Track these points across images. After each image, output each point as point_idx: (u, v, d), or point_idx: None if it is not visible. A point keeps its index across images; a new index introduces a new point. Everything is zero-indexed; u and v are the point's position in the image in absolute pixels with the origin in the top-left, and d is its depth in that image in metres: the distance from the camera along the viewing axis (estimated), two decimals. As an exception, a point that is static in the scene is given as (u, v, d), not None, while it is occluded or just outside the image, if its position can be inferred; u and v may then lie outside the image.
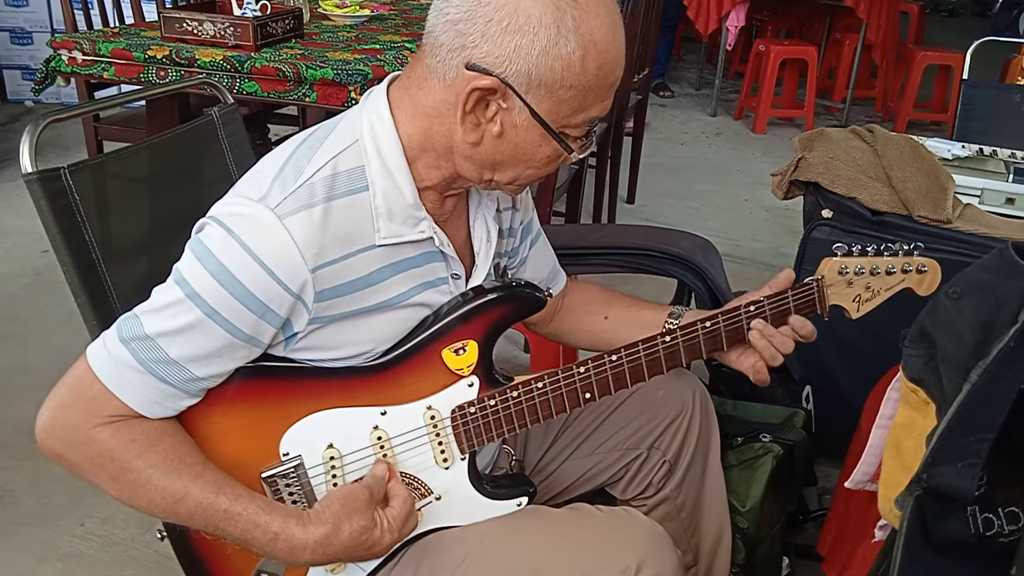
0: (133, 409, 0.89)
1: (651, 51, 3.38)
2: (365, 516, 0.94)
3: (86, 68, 2.22)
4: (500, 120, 0.89)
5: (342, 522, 0.93)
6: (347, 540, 0.93)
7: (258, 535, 0.91)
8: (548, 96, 0.87)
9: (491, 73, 0.86)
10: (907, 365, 0.91)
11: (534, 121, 0.89)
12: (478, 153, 0.92)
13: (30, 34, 4.44)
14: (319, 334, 0.94)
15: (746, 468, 1.45)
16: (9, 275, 2.77)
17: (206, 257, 0.87)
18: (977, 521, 0.83)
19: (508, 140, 0.90)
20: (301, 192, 0.89)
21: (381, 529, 0.95)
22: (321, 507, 0.94)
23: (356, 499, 0.94)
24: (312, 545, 0.92)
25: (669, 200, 3.75)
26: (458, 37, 0.86)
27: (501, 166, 0.93)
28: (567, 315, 1.26)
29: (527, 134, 0.90)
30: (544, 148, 0.92)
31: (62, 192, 1.09)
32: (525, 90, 0.87)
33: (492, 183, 0.96)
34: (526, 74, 0.86)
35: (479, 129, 0.90)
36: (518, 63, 0.85)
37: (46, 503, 1.83)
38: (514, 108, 0.88)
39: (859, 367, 1.71)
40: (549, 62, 0.85)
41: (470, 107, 0.88)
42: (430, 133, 0.92)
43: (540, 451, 1.26)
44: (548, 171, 0.96)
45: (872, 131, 1.91)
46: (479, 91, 0.86)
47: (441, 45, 0.88)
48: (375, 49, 2.31)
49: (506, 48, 0.85)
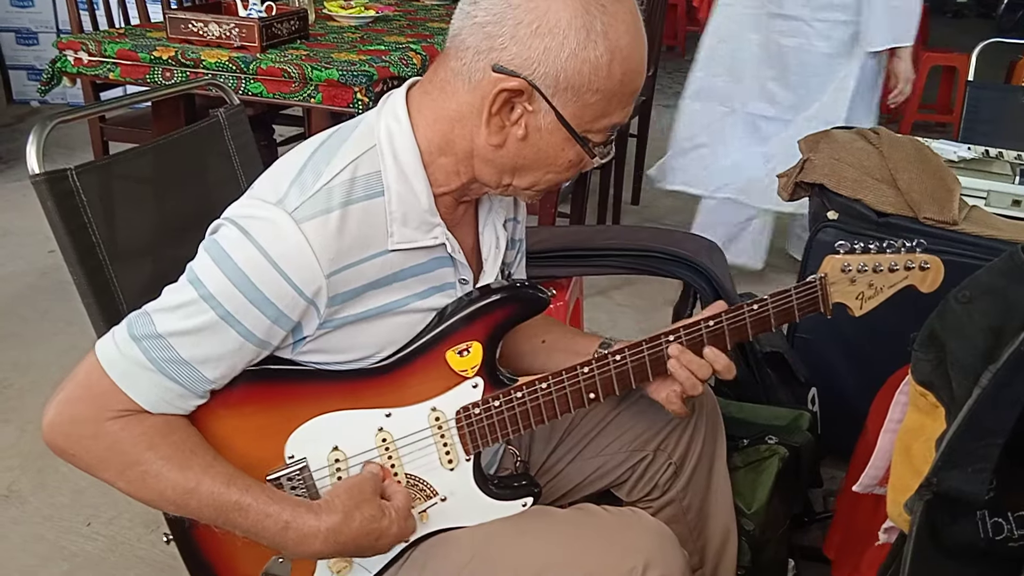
0: (140, 405, 0.89)
1: (656, 52, 3.38)
2: (373, 505, 0.95)
3: (92, 69, 2.23)
4: (525, 123, 0.89)
5: (352, 511, 0.93)
6: (357, 528, 0.93)
7: (269, 524, 0.91)
8: (574, 100, 0.88)
9: (519, 75, 0.86)
10: (916, 369, 0.91)
11: (559, 124, 0.89)
12: (500, 156, 0.92)
13: (36, 34, 4.45)
14: (327, 338, 0.94)
15: (752, 470, 1.45)
16: (15, 275, 2.78)
17: (222, 259, 0.87)
18: (987, 525, 0.83)
19: (531, 143, 0.91)
20: (319, 196, 0.88)
21: (389, 519, 0.95)
22: (330, 497, 0.95)
23: (363, 489, 0.95)
24: (324, 533, 0.91)
25: (674, 201, 3.73)
26: (486, 40, 0.86)
27: (522, 170, 0.94)
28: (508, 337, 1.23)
29: (551, 137, 0.90)
30: (567, 152, 0.92)
31: (69, 193, 1.09)
32: (552, 93, 0.87)
33: (510, 188, 0.96)
34: (554, 77, 0.86)
35: (503, 132, 0.90)
36: (546, 66, 0.85)
37: (51, 503, 1.83)
38: (540, 111, 0.88)
39: (865, 369, 1.70)
40: (577, 65, 0.85)
41: (496, 109, 0.88)
42: (451, 137, 0.92)
43: (546, 452, 1.26)
44: (568, 176, 0.96)
45: (878, 133, 1.91)
46: (506, 93, 0.87)
47: (468, 48, 0.88)
48: (380, 50, 2.31)
49: (535, 50, 0.85)
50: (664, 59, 5.22)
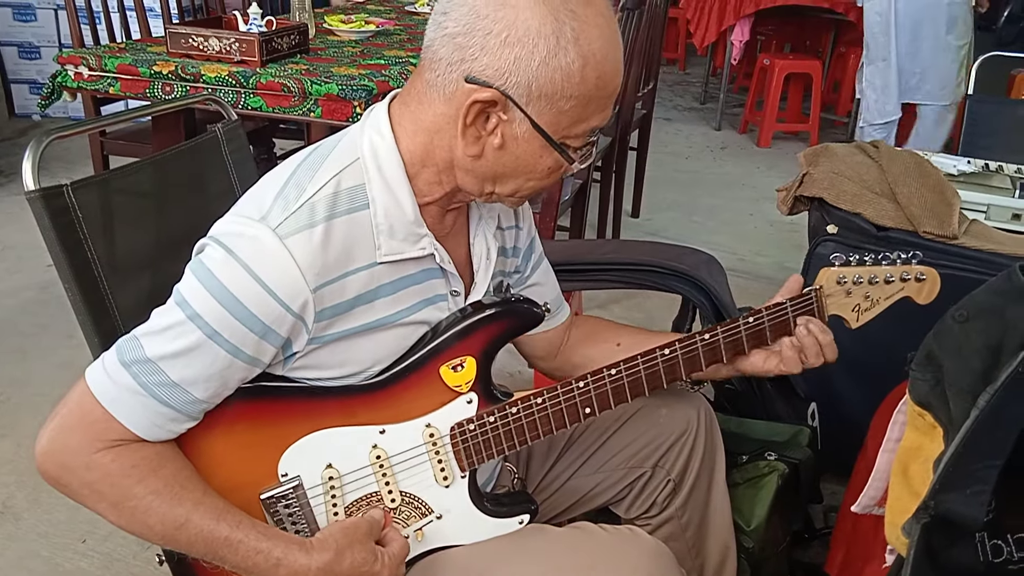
0: (134, 433, 0.88)
1: (656, 65, 3.38)
2: (366, 548, 0.94)
3: (92, 83, 2.23)
4: (501, 132, 0.89)
5: (344, 550, 0.92)
6: (348, 569, 0.92)
7: (260, 561, 0.90)
8: (549, 107, 0.87)
9: (491, 86, 0.86)
10: (914, 389, 0.90)
11: (535, 132, 0.89)
12: (479, 166, 0.91)
13: (38, 48, 4.47)
14: (318, 353, 0.93)
15: (751, 487, 1.44)
16: (14, 289, 2.78)
17: (207, 278, 0.87)
18: (986, 548, 0.82)
19: (509, 152, 0.90)
20: (303, 211, 0.88)
21: (381, 563, 0.95)
22: (324, 535, 0.94)
23: (357, 530, 0.95)
24: (315, 572, 0.91)
25: (674, 214, 3.74)
26: (457, 51, 0.86)
27: (502, 178, 0.93)
28: (576, 347, 1.23)
29: (528, 145, 0.90)
30: (545, 159, 0.92)
31: (64, 210, 1.09)
32: (525, 102, 0.87)
33: (493, 196, 0.96)
34: (526, 86, 0.86)
35: (480, 142, 0.90)
36: (518, 75, 0.85)
37: (47, 519, 1.82)
38: (515, 120, 0.88)
39: (865, 384, 1.69)
40: (549, 73, 0.85)
41: (470, 120, 0.88)
42: (430, 148, 0.92)
43: (543, 469, 1.25)
44: (549, 182, 0.96)
45: (877, 146, 1.91)
46: (479, 104, 0.86)
47: (440, 59, 0.88)
48: (380, 64, 2.32)
49: (505, 60, 0.85)
50: (664, 72, 5.24)
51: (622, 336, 1.21)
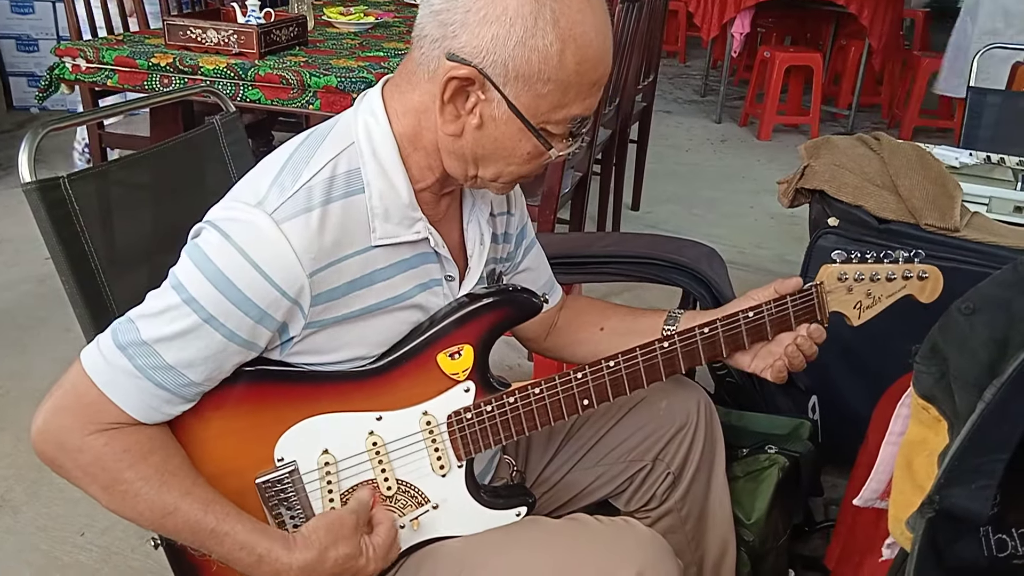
0: (129, 415, 0.88)
1: (656, 58, 3.37)
2: (351, 543, 0.94)
3: (90, 76, 2.22)
4: (480, 112, 0.88)
5: (328, 548, 0.92)
6: (331, 567, 0.92)
7: (243, 556, 0.91)
8: (526, 89, 0.86)
9: (469, 63, 0.85)
10: (918, 382, 0.89)
11: (512, 115, 0.88)
12: (459, 147, 0.91)
13: (36, 41, 4.45)
14: (315, 338, 0.93)
15: (751, 480, 1.44)
16: (12, 282, 2.77)
17: (203, 262, 0.86)
18: (990, 542, 0.81)
19: (488, 133, 0.89)
20: (299, 196, 0.88)
21: (367, 557, 0.95)
22: (308, 532, 0.94)
23: (343, 526, 0.94)
24: (296, 570, 0.91)
25: (674, 207, 3.73)
26: (440, 28, 0.86)
27: (483, 160, 0.92)
28: (564, 329, 1.24)
29: (506, 128, 0.89)
30: (524, 144, 0.91)
31: (61, 202, 1.08)
32: (503, 82, 0.86)
33: (477, 180, 0.95)
34: (503, 65, 0.85)
35: (459, 121, 0.89)
36: (495, 54, 0.84)
37: (46, 513, 1.82)
38: (493, 100, 0.87)
39: (866, 376, 1.69)
40: (526, 54, 0.84)
41: (448, 97, 0.87)
42: (419, 129, 0.92)
43: (543, 462, 1.25)
44: (531, 169, 0.94)
45: (878, 138, 1.90)
46: (457, 80, 0.86)
47: (426, 36, 0.88)
48: (379, 56, 2.31)
49: (484, 38, 0.84)
50: (664, 65, 5.22)
51: (608, 319, 1.21)
